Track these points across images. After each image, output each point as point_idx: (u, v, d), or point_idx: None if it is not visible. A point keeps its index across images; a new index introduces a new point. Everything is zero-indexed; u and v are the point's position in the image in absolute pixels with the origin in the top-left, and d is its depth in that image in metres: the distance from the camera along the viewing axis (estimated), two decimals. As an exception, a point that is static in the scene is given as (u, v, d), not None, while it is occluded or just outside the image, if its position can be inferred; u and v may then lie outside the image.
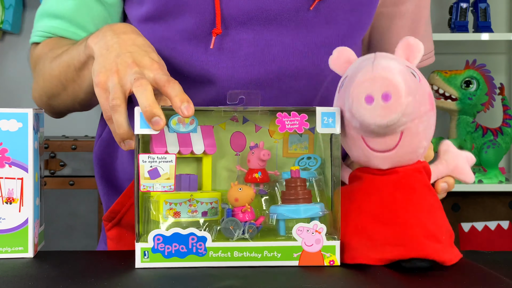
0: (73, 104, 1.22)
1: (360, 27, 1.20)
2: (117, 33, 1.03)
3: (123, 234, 1.19)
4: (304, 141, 1.04)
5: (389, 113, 0.89)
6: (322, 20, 1.16)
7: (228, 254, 0.95)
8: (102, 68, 1.00)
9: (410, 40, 0.96)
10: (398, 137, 0.93)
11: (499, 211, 2.67)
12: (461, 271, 0.94)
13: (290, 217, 0.97)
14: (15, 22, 2.82)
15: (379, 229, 0.94)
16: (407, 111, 0.90)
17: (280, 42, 1.15)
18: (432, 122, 0.95)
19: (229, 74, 1.14)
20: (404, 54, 0.96)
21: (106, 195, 1.26)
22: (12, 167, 1.00)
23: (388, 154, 0.95)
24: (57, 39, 1.24)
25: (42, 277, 0.91)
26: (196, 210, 0.99)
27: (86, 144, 2.45)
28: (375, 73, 0.90)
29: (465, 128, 2.58)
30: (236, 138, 1.04)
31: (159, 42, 1.15)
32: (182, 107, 0.92)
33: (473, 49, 2.87)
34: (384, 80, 0.89)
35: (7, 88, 2.94)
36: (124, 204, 1.16)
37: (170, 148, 0.99)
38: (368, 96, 0.90)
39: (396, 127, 0.92)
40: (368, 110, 0.90)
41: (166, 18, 1.14)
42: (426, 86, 0.95)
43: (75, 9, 1.21)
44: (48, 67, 1.19)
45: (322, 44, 1.17)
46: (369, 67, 0.91)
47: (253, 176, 1.01)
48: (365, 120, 0.91)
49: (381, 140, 0.94)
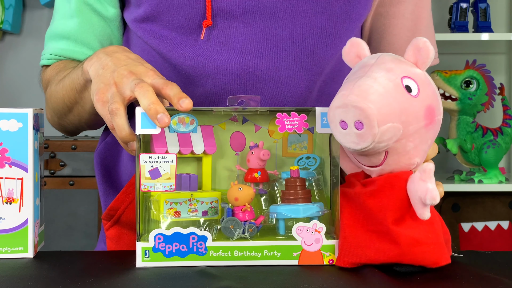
0: (80, 123, 1.26)
1: (356, 18, 1.20)
2: (109, 54, 1.07)
3: (122, 234, 1.20)
4: (303, 141, 1.04)
5: (362, 141, 0.89)
6: (317, 11, 1.16)
7: (228, 253, 0.95)
8: (101, 85, 1.03)
9: (420, 43, 0.93)
10: (383, 155, 0.92)
11: (499, 211, 2.67)
12: (461, 271, 0.94)
13: (290, 217, 0.98)
14: (15, 22, 2.82)
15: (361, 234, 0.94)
16: (382, 138, 0.89)
17: (276, 34, 1.16)
18: (428, 136, 0.93)
19: (225, 67, 1.15)
20: (413, 57, 0.94)
21: (106, 194, 1.27)
22: (12, 167, 1.00)
23: (375, 169, 0.94)
24: (65, 62, 1.27)
25: (42, 277, 0.91)
26: (196, 209, 1.00)
27: (86, 144, 2.44)
28: (350, 99, 0.88)
29: (465, 128, 2.58)
30: (236, 138, 1.04)
31: (157, 39, 1.18)
32: (180, 102, 0.94)
33: (473, 49, 2.87)
34: (356, 109, 0.87)
35: (7, 88, 2.94)
36: (123, 201, 1.16)
37: (171, 148, 0.99)
38: (342, 122, 0.89)
39: (374, 151, 0.91)
40: (343, 135, 0.90)
41: (162, 17, 1.17)
42: (426, 100, 0.92)
43: (79, 27, 1.25)
44: (54, 90, 1.24)
45: (318, 35, 1.17)
46: (350, 87, 0.89)
47: (252, 175, 1.01)
48: (341, 143, 0.91)
49: (366, 158, 0.93)
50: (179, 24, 1.16)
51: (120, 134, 0.98)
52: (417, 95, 0.91)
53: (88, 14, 1.25)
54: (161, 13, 1.16)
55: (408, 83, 0.91)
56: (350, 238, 0.94)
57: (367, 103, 0.87)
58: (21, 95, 2.91)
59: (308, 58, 1.17)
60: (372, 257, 0.93)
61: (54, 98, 1.24)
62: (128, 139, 0.98)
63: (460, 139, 2.57)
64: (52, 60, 1.29)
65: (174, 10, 1.15)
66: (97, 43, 1.26)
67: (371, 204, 0.93)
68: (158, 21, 1.17)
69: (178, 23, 1.16)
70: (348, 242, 0.95)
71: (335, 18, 1.17)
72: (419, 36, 1.28)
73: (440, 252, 0.93)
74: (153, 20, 1.17)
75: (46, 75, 1.31)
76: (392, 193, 0.93)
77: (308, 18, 1.16)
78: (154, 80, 0.99)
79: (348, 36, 1.17)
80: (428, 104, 0.92)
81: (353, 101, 0.88)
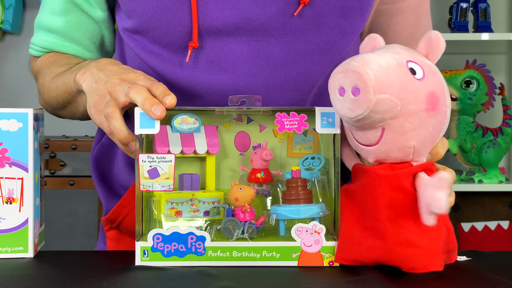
0: (73, 118, 1.27)
1: (351, 32, 1.17)
2: (101, 68, 1.07)
3: (122, 236, 1.20)
4: (308, 141, 1.04)
5: (357, 107, 0.89)
6: (311, 27, 1.13)
7: (227, 254, 0.95)
8: (96, 97, 1.03)
9: (432, 35, 0.95)
10: (380, 132, 0.92)
11: (499, 211, 2.67)
12: (461, 271, 0.94)
13: (290, 217, 0.97)
14: (15, 22, 2.82)
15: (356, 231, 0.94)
16: (378, 108, 0.88)
17: (268, 52, 1.13)
18: (429, 123, 0.92)
19: (216, 87, 1.13)
20: (425, 49, 0.95)
21: (105, 196, 1.27)
22: (12, 167, 1.00)
23: (372, 148, 0.93)
24: (56, 55, 1.27)
25: (42, 277, 0.91)
26: (198, 209, 1.00)
27: (86, 144, 2.44)
28: (350, 66, 0.89)
29: (465, 128, 2.58)
30: (240, 138, 1.04)
31: (147, 53, 1.16)
32: (164, 98, 0.96)
33: (473, 49, 2.87)
34: (354, 74, 0.88)
35: (7, 88, 2.94)
36: (122, 212, 1.16)
37: (173, 148, 0.99)
38: (341, 88, 0.90)
39: (370, 122, 0.90)
40: (340, 101, 0.90)
41: (152, 32, 1.14)
42: (430, 85, 0.92)
43: (67, 25, 1.25)
44: (47, 86, 1.23)
45: (312, 52, 1.14)
46: (356, 57, 0.91)
47: (255, 176, 1.01)
48: (338, 111, 0.91)
49: (363, 133, 0.93)
50: (168, 42, 1.14)
51: (118, 136, 0.98)
52: (421, 79, 0.91)
53: (75, 13, 1.24)
54: (151, 29, 1.14)
55: (413, 67, 0.92)
56: (346, 235, 0.95)
57: (366, 69, 0.88)
58: (21, 95, 2.91)
59: (300, 76, 1.15)
60: (364, 255, 0.93)
61: (47, 95, 1.23)
62: (127, 141, 0.98)
63: (460, 139, 2.57)
64: (41, 52, 1.28)
65: (164, 28, 1.13)
66: (86, 40, 1.26)
67: (368, 200, 0.93)
68: (148, 35, 1.15)
69: (168, 41, 1.14)
70: (343, 238, 0.95)
71: (329, 34, 1.15)
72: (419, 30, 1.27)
73: (432, 258, 0.92)
74: (143, 34, 1.15)
75: (36, 65, 1.30)
76: (389, 190, 0.92)
77: (301, 35, 1.13)
78: (144, 82, 1.00)
79: (342, 51, 1.16)
80: (432, 90, 0.92)
81: (352, 66, 0.89)
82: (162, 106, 0.94)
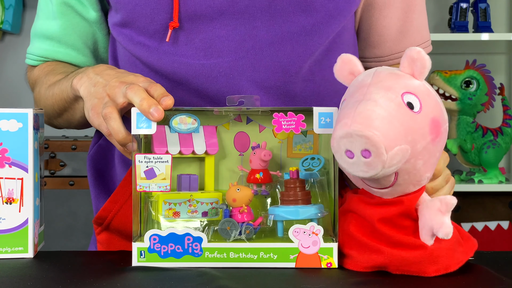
0: (69, 126, 1.27)
1: (338, 13, 1.16)
2: (99, 72, 1.08)
3: (113, 239, 1.19)
4: (308, 141, 1.04)
5: (371, 169, 0.86)
6: (298, 9, 1.14)
7: (224, 255, 0.95)
8: (95, 100, 1.04)
9: (414, 54, 0.90)
10: (393, 177, 0.90)
11: (499, 211, 2.67)
12: (461, 271, 0.94)
13: (288, 218, 0.97)
14: (15, 22, 2.82)
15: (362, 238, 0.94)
16: (392, 163, 0.86)
17: (254, 35, 1.14)
18: (436, 150, 0.91)
19: (201, 72, 1.14)
20: (409, 68, 0.91)
21: (97, 198, 1.27)
22: (12, 167, 1.00)
23: (386, 190, 0.92)
24: (53, 64, 1.28)
25: (42, 277, 0.91)
26: (196, 210, 0.99)
27: (86, 144, 2.45)
28: (354, 129, 0.85)
29: (465, 128, 2.58)
30: (240, 138, 1.04)
31: (134, 45, 1.18)
32: (161, 100, 0.96)
33: (473, 49, 2.86)
34: (361, 138, 0.85)
35: (7, 88, 2.94)
36: (111, 210, 1.16)
37: (171, 148, 0.99)
38: (348, 151, 0.87)
39: (384, 176, 0.88)
40: (349, 164, 0.87)
41: (137, 23, 1.16)
42: (429, 113, 0.89)
43: (62, 29, 1.26)
44: (43, 94, 1.24)
45: (298, 34, 1.15)
46: (351, 114, 0.86)
47: (254, 176, 1.01)
48: (348, 172, 0.89)
49: (375, 181, 0.91)
50: (154, 30, 1.15)
51: (117, 137, 0.98)
52: (419, 111, 0.89)
53: (70, 15, 1.25)
54: (136, 19, 1.16)
55: (409, 99, 0.89)
56: (353, 241, 0.94)
57: (372, 130, 0.85)
58: (21, 95, 2.91)
59: (287, 57, 1.15)
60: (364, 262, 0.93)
61: (43, 102, 1.24)
62: (126, 141, 0.99)
63: (460, 139, 2.57)
64: (37, 61, 1.30)
65: (148, 16, 1.15)
66: (81, 43, 1.27)
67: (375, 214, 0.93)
68: (134, 27, 1.17)
69: (154, 29, 1.15)
70: (351, 245, 0.95)
71: (315, 16, 1.15)
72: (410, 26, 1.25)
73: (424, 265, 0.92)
74: (130, 26, 1.17)
75: (33, 75, 1.31)
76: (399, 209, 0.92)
77: (287, 17, 1.14)
78: (142, 84, 1.01)
79: (329, 34, 1.16)
80: (432, 117, 0.90)
81: (357, 130, 0.85)
82: (160, 107, 0.94)
